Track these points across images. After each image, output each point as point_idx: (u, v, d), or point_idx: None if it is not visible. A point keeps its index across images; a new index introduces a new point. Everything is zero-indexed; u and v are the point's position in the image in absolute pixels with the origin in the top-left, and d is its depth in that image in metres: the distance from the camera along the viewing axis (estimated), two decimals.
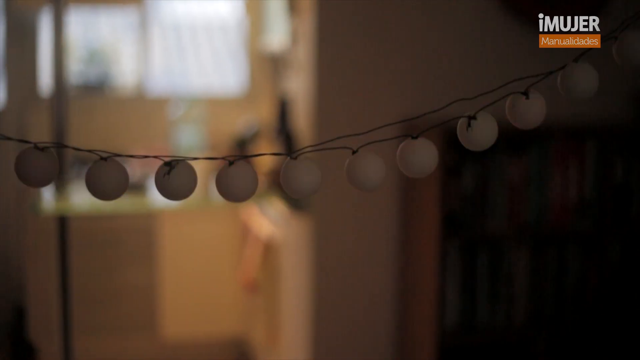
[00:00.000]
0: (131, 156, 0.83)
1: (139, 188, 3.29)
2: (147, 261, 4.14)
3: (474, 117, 0.92)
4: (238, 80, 4.92)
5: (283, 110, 3.20)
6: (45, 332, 3.65)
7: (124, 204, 3.13)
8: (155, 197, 3.22)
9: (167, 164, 0.85)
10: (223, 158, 0.86)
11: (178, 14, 5.25)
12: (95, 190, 0.82)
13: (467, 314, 2.64)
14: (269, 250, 3.55)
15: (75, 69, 4.91)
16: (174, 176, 0.85)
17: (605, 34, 0.95)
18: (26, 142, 0.80)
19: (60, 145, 0.82)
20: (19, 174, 0.80)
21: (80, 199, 3.18)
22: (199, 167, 0.87)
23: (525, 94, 0.93)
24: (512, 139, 2.62)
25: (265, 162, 3.18)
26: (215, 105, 4.63)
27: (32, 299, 3.79)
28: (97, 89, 4.80)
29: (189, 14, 5.29)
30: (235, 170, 0.85)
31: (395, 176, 2.74)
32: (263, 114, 4.10)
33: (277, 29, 3.68)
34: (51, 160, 0.81)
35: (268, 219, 3.53)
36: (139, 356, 4.13)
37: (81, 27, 5.05)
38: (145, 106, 4.69)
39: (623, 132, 2.75)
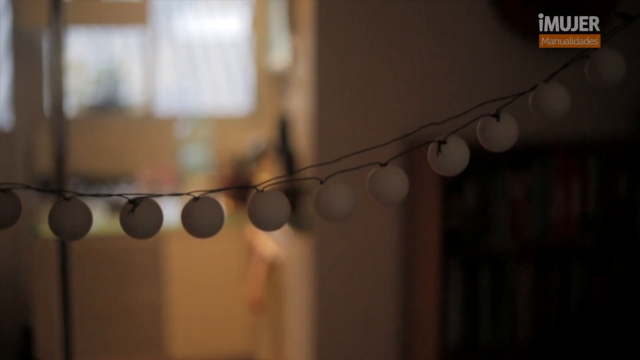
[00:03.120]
0: (95, 195, 0.82)
1: None
2: (154, 280, 4.14)
3: (444, 142, 0.90)
4: (245, 99, 4.92)
5: (283, 129, 3.20)
6: (53, 352, 3.65)
7: None
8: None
9: (131, 201, 0.84)
10: (188, 194, 0.86)
11: (184, 33, 5.26)
12: (58, 230, 0.81)
13: (470, 333, 2.62)
14: (273, 269, 3.54)
15: (84, 89, 4.93)
16: (139, 214, 0.84)
17: (581, 51, 0.93)
18: None
19: (22, 186, 0.82)
20: None
21: None
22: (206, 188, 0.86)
23: (496, 116, 0.91)
24: (513, 155, 2.61)
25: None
26: (222, 124, 4.64)
27: (39, 319, 3.80)
28: (106, 109, 4.82)
29: (196, 33, 5.30)
30: (199, 206, 0.85)
31: None
32: (269, 132, 4.10)
33: (279, 47, 3.69)
34: (13, 201, 0.80)
35: (272, 238, 3.52)
36: None
37: (90, 47, 5.08)
38: (153, 126, 4.71)
39: (626, 147, 2.73)
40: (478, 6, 2.75)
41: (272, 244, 3.53)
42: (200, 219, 0.85)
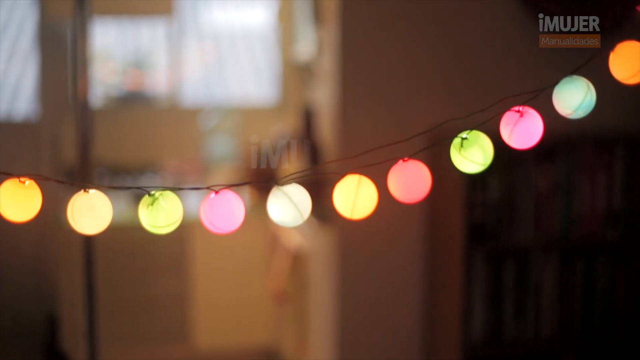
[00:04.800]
0: (115, 187, 0.82)
1: None
2: (178, 271, 4.15)
3: (466, 138, 0.90)
4: (270, 90, 4.92)
5: (308, 121, 3.19)
6: (78, 342, 3.68)
7: None
8: (186, 207, 3.22)
9: (150, 195, 0.84)
10: (207, 188, 0.86)
11: (210, 24, 5.27)
12: (78, 223, 0.81)
13: (493, 327, 2.60)
14: (297, 260, 3.54)
15: (111, 80, 4.96)
16: (158, 207, 0.84)
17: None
18: (7, 174, 0.80)
19: (42, 177, 0.82)
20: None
21: None
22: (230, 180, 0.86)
23: (520, 111, 0.90)
24: (539, 148, 2.57)
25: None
26: (247, 115, 4.64)
27: (64, 308, 3.83)
28: (132, 100, 4.84)
29: (222, 24, 5.31)
30: (218, 201, 0.84)
31: None
32: (295, 123, 4.09)
33: (305, 39, 3.68)
34: (33, 192, 0.81)
35: (296, 229, 3.52)
36: None
37: (117, 38, 5.10)
38: (179, 117, 4.72)
39: None
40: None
41: (296, 235, 3.53)
42: (219, 214, 0.84)
